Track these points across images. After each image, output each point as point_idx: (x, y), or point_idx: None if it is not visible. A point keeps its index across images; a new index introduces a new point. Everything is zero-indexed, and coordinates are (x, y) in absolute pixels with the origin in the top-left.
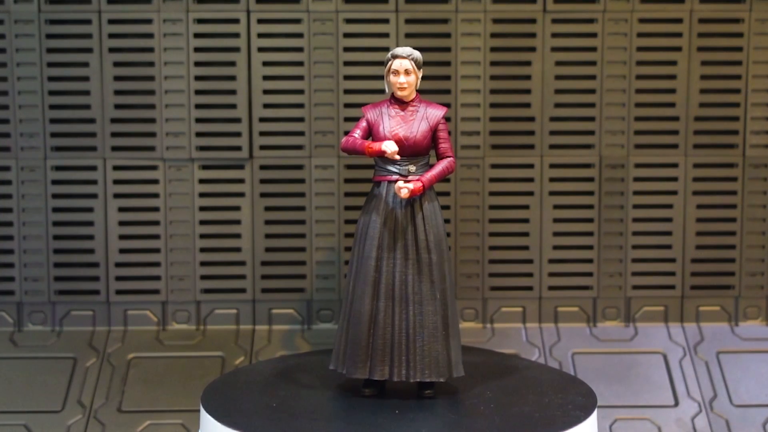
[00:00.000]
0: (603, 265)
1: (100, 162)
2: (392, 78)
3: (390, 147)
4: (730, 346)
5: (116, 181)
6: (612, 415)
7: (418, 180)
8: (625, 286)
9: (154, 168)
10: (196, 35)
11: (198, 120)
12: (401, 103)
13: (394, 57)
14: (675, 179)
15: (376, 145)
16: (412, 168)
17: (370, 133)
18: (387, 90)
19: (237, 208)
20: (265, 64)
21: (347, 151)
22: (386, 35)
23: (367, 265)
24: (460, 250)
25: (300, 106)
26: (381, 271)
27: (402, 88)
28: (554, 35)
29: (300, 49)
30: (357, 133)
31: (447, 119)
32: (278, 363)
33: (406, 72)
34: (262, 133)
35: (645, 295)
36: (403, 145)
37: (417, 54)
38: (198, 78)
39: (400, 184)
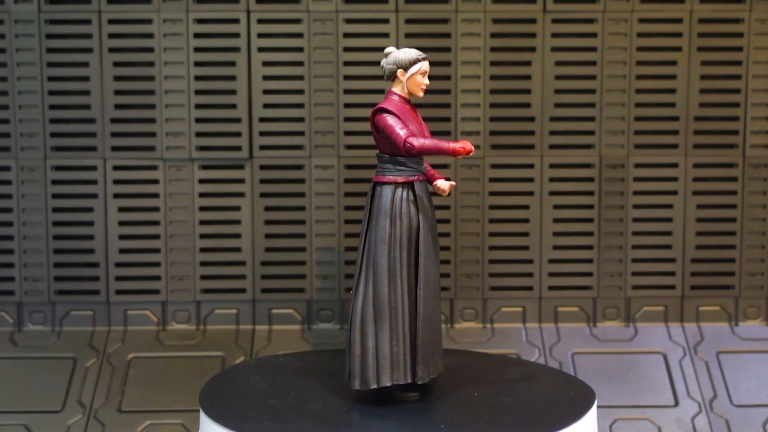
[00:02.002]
0: (603, 265)
1: (100, 162)
2: (420, 79)
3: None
4: (730, 346)
5: (116, 181)
6: (612, 415)
7: (443, 177)
8: (625, 286)
9: (154, 168)
10: (196, 35)
11: (198, 120)
12: (408, 104)
13: (424, 59)
14: (675, 179)
15: (468, 145)
16: (425, 166)
17: None
18: (404, 90)
19: (237, 208)
20: (265, 64)
21: (428, 151)
22: (386, 35)
23: (428, 267)
24: (460, 250)
25: (300, 106)
26: (433, 271)
27: (424, 90)
28: (554, 35)
29: (300, 49)
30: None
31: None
32: (278, 362)
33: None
34: (262, 133)
35: (645, 295)
36: None
37: None
38: (198, 78)
39: (444, 183)
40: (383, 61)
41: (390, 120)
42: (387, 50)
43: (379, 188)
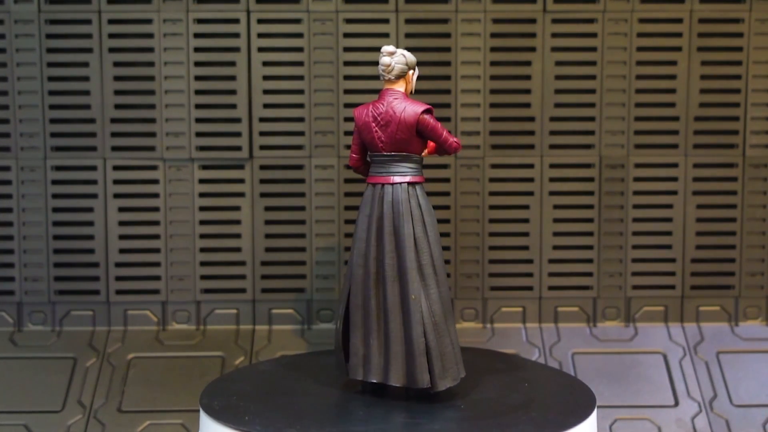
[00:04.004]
0: (603, 265)
1: (100, 162)
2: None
3: None
4: (730, 346)
5: (116, 181)
6: (612, 415)
7: None
8: (625, 286)
9: (154, 168)
10: (196, 35)
11: (198, 120)
12: None
13: None
14: (675, 179)
15: None
16: None
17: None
18: (412, 89)
19: (237, 208)
20: (265, 64)
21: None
22: (386, 35)
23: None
24: (460, 250)
25: (300, 106)
26: None
27: None
28: (554, 35)
29: (300, 49)
30: None
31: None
32: (278, 363)
33: None
34: (262, 133)
35: (645, 295)
36: None
37: None
38: (198, 78)
39: None
40: (392, 60)
41: (436, 121)
42: (390, 49)
43: (414, 189)
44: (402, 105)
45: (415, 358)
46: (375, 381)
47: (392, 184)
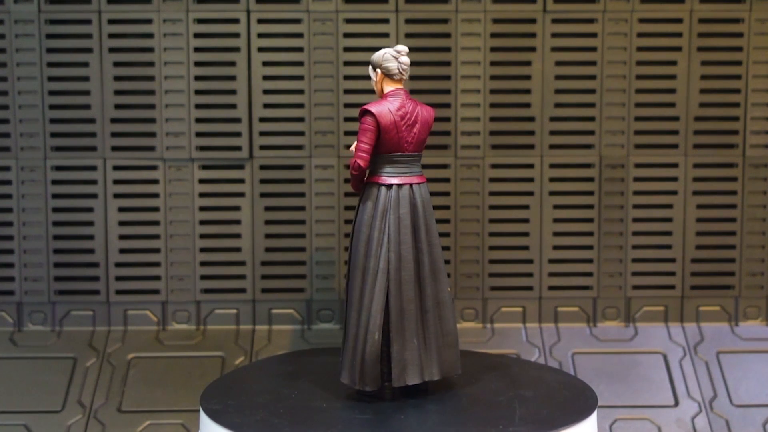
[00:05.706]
0: (603, 265)
1: (100, 162)
2: None
3: None
4: (730, 346)
5: (116, 181)
6: (612, 415)
7: None
8: (625, 286)
9: (154, 168)
10: (196, 35)
11: (198, 120)
12: None
13: None
14: (675, 179)
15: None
16: None
17: None
18: None
19: (237, 208)
20: (265, 64)
21: None
22: (386, 35)
23: None
24: (460, 250)
25: (300, 106)
26: None
27: None
28: (554, 35)
29: (300, 49)
30: None
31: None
32: (278, 363)
33: None
34: (262, 133)
35: (645, 295)
36: None
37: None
38: (198, 78)
39: None
40: (407, 61)
41: None
42: (406, 49)
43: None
44: (421, 106)
45: (450, 349)
46: (415, 383)
47: (418, 184)
